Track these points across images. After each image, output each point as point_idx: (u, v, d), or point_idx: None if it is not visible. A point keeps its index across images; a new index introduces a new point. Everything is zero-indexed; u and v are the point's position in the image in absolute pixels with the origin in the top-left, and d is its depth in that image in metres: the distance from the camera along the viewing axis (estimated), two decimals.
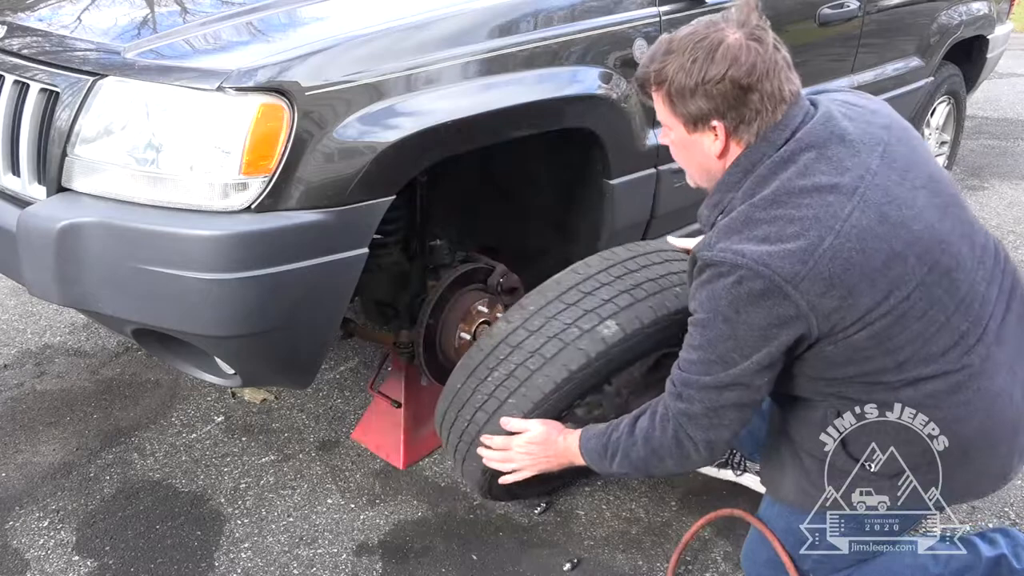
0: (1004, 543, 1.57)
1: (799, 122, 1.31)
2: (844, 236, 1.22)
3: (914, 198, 1.29)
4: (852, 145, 1.30)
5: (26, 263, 1.63)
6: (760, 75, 1.27)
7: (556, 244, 2.38)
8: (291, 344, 1.71)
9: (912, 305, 1.26)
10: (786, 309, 1.23)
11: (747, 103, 1.29)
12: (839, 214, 1.23)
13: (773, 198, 1.27)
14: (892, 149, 1.32)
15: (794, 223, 1.23)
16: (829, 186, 1.25)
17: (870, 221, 1.24)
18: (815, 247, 1.22)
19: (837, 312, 1.24)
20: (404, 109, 1.66)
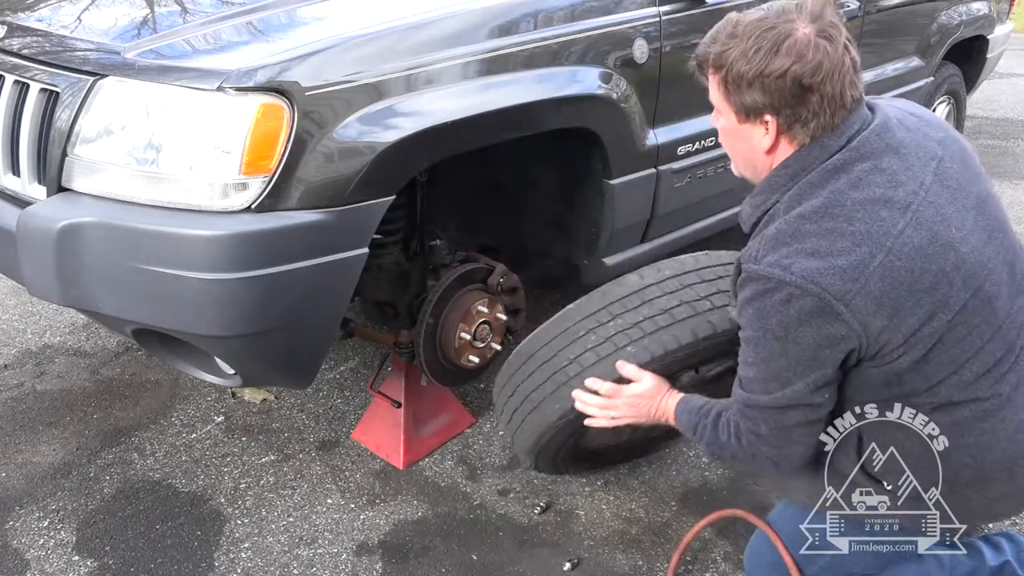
0: (1009, 549, 1.56)
1: (856, 130, 1.25)
2: (895, 254, 1.18)
3: (963, 219, 1.25)
4: (906, 158, 1.25)
5: (26, 263, 1.63)
6: (824, 76, 1.20)
7: (556, 244, 2.38)
8: (291, 344, 1.71)
9: (952, 329, 1.22)
10: (837, 328, 1.19)
11: (806, 103, 1.22)
12: (891, 230, 1.19)
13: (824, 210, 1.22)
14: (945, 166, 1.27)
15: (845, 237, 1.19)
16: (883, 200, 1.20)
17: (922, 240, 1.20)
18: (867, 263, 1.17)
19: (885, 333, 1.20)
20: (404, 109, 1.66)
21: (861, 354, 1.23)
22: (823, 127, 1.24)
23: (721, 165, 2.49)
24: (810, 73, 1.20)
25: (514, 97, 1.83)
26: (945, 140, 1.32)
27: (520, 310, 2.21)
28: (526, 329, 1.93)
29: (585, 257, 2.33)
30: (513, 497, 2.08)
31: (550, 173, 2.26)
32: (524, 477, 2.14)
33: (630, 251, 2.39)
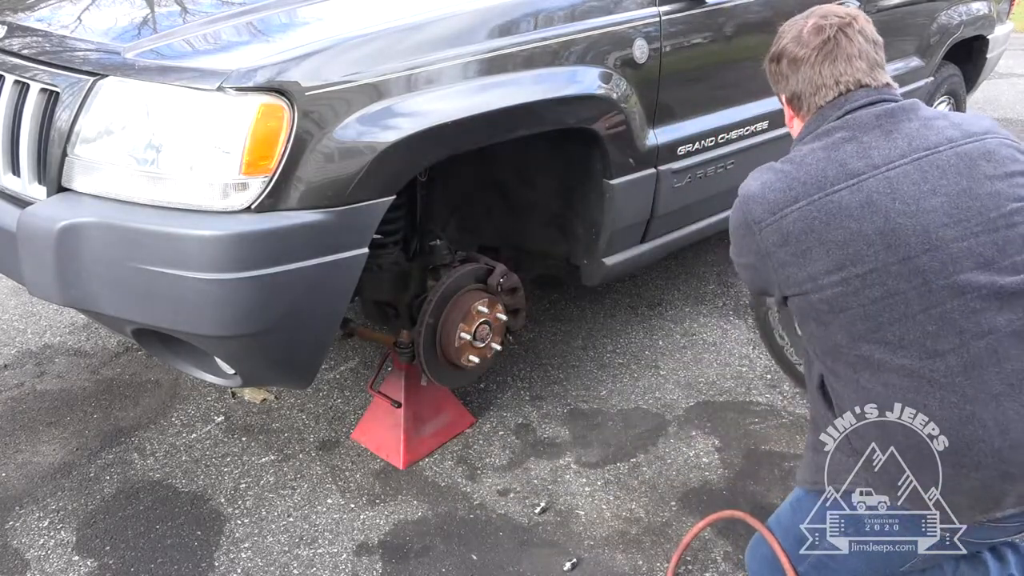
0: (1014, 560, 1.55)
1: (855, 106, 1.43)
2: (817, 206, 1.36)
3: (922, 200, 1.33)
4: (893, 140, 1.39)
5: (26, 263, 1.63)
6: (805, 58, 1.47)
7: (556, 244, 2.38)
8: (291, 344, 1.71)
9: (867, 285, 1.33)
10: (751, 242, 1.45)
11: (794, 79, 1.49)
12: (826, 187, 1.36)
13: (793, 158, 1.45)
14: (939, 156, 1.37)
15: (788, 179, 1.40)
16: (839, 162, 1.38)
17: (852, 202, 1.35)
18: (789, 204, 1.38)
19: (790, 266, 1.39)
20: (404, 109, 1.66)
21: (775, 277, 1.43)
22: (822, 102, 1.47)
23: (721, 165, 2.49)
24: (791, 54, 1.49)
25: (514, 97, 1.83)
26: (965, 144, 1.39)
27: (520, 310, 2.21)
28: (526, 329, 1.93)
29: (585, 257, 2.33)
30: (513, 497, 2.08)
31: (550, 173, 2.26)
32: (524, 477, 2.14)
33: (630, 251, 2.40)
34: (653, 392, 2.52)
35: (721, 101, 2.47)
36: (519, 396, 2.50)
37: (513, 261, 2.41)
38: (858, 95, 1.45)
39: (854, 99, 1.44)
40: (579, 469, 2.18)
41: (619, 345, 2.78)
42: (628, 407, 2.45)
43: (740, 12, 2.43)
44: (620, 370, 2.64)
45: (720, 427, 2.34)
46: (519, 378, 2.59)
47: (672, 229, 2.51)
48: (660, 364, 2.67)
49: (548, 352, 2.73)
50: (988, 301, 1.32)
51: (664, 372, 2.63)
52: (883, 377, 1.35)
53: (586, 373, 2.62)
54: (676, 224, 2.52)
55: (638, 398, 2.49)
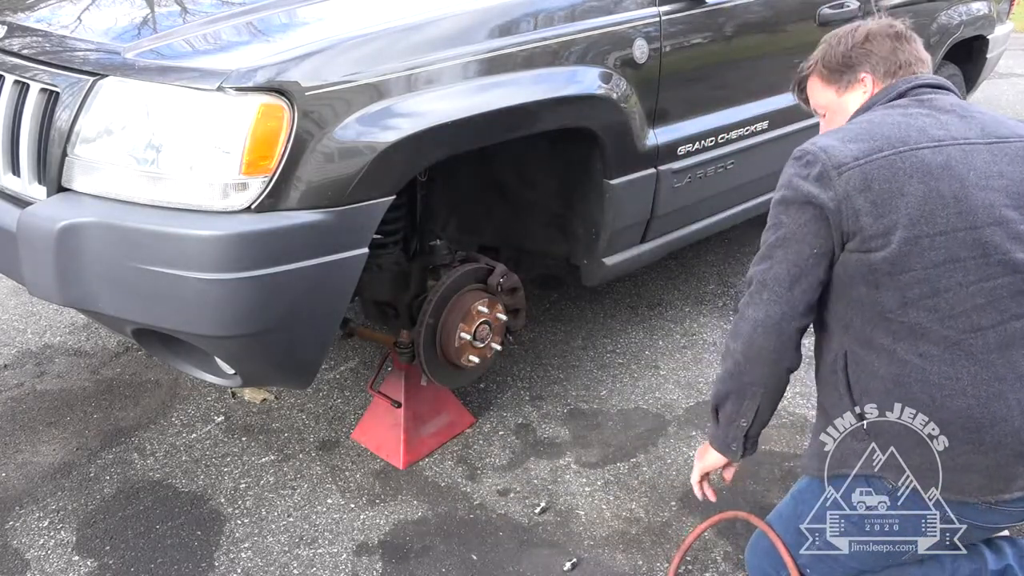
0: (1011, 553, 1.56)
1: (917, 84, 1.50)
2: (902, 159, 1.36)
3: (991, 178, 1.37)
4: (968, 123, 1.42)
5: (26, 263, 1.63)
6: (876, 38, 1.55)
7: (556, 244, 2.38)
8: (291, 344, 1.71)
9: (933, 247, 1.34)
10: (826, 190, 1.37)
11: (896, 52, 1.54)
12: (910, 142, 1.37)
13: (869, 119, 1.46)
14: (1008, 145, 1.41)
15: (869, 134, 1.40)
16: (919, 128, 1.40)
17: (933, 161, 1.36)
18: (873, 152, 1.37)
19: (865, 215, 1.35)
20: (404, 109, 1.66)
21: (845, 225, 1.37)
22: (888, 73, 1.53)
23: (721, 165, 2.49)
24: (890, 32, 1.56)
25: (514, 97, 1.83)
26: None
27: (520, 310, 2.21)
28: (526, 329, 1.93)
29: (585, 257, 2.33)
30: (513, 497, 2.08)
31: (550, 173, 2.26)
32: (524, 477, 2.14)
33: (630, 251, 2.40)
34: (653, 392, 2.52)
35: (721, 101, 2.47)
36: (519, 396, 2.50)
37: (513, 261, 2.41)
38: (925, 77, 1.51)
39: (923, 79, 1.51)
40: (579, 469, 2.18)
41: (619, 345, 2.78)
42: (628, 407, 2.45)
43: (740, 12, 2.43)
44: (620, 370, 2.64)
45: None
46: (519, 378, 2.59)
47: (672, 229, 2.51)
48: (660, 364, 2.67)
49: (548, 352, 2.73)
50: None
51: (664, 372, 2.63)
52: (923, 347, 1.35)
53: (586, 373, 2.62)
54: (676, 224, 2.52)
55: (638, 398, 2.49)
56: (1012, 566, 1.54)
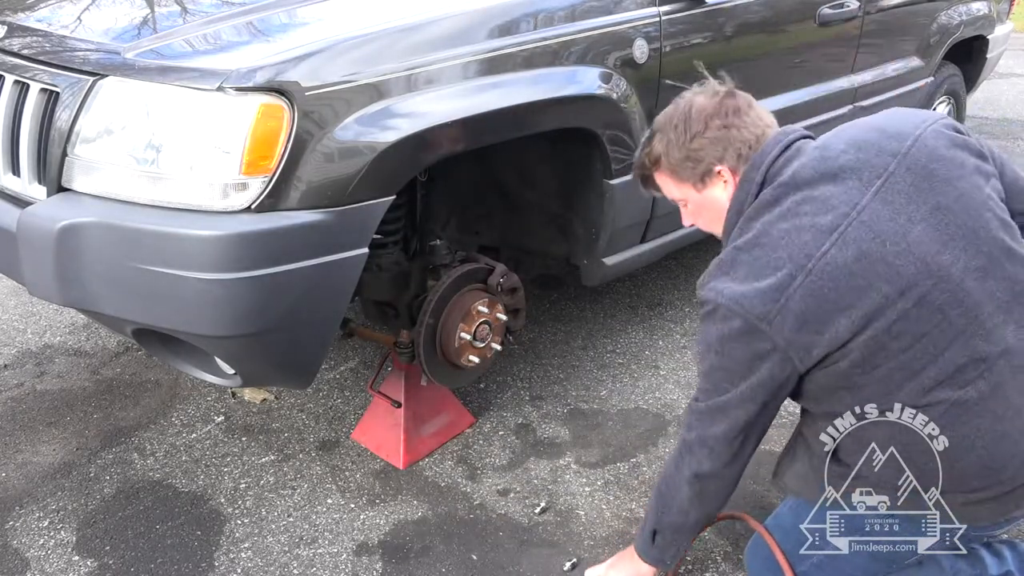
0: (1011, 558, 1.56)
1: (774, 158, 1.38)
2: (816, 273, 1.27)
3: (906, 232, 1.29)
4: (844, 183, 1.32)
5: (26, 263, 1.63)
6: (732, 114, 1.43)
7: (556, 244, 2.38)
8: (291, 344, 1.71)
9: (894, 337, 1.28)
10: (763, 344, 1.31)
11: (737, 132, 1.42)
12: (813, 252, 1.28)
13: (755, 240, 1.34)
14: (895, 180, 1.31)
15: (770, 263, 1.30)
16: (808, 226, 1.30)
17: (846, 257, 1.28)
18: (787, 285, 1.28)
19: (816, 346, 1.29)
20: (404, 109, 1.66)
21: (798, 364, 1.32)
22: (740, 157, 1.42)
23: None
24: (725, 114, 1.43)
25: (514, 97, 1.83)
26: (907, 153, 1.34)
27: (520, 310, 2.21)
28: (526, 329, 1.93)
29: (585, 257, 2.33)
30: (513, 497, 2.08)
31: (550, 173, 2.26)
32: (524, 477, 2.14)
33: (630, 251, 2.40)
34: (653, 392, 2.52)
35: None
36: (519, 396, 2.50)
37: (513, 261, 2.41)
38: (772, 150, 1.39)
39: (771, 153, 1.39)
40: (579, 469, 2.18)
41: (619, 345, 2.78)
42: (628, 407, 2.45)
43: (740, 12, 2.43)
44: (620, 370, 2.64)
45: None
46: (519, 378, 2.59)
47: (672, 229, 2.51)
48: (660, 364, 2.67)
49: (548, 352, 2.73)
50: (995, 316, 1.32)
51: (664, 372, 2.63)
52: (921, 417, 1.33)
53: (586, 373, 2.62)
54: (676, 224, 2.51)
55: (638, 398, 2.49)
56: (1012, 571, 1.54)
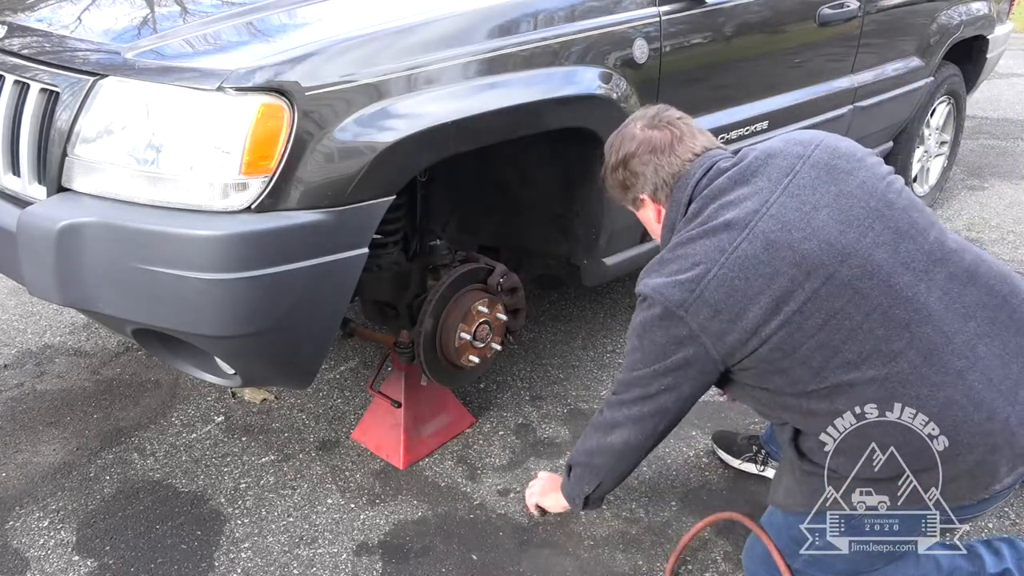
0: (1009, 555, 1.56)
1: (698, 179, 1.50)
2: (728, 267, 1.37)
3: (811, 219, 1.38)
4: (756, 183, 1.44)
5: (26, 263, 1.63)
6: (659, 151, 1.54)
7: (556, 244, 2.38)
8: (291, 344, 1.71)
9: (807, 317, 1.35)
10: (680, 330, 1.41)
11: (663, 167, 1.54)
12: (726, 248, 1.39)
13: (680, 243, 1.46)
14: (800, 176, 1.42)
15: (689, 260, 1.42)
16: (723, 226, 1.41)
17: (755, 249, 1.37)
18: (702, 277, 1.39)
19: (731, 333, 1.38)
20: (404, 109, 1.66)
21: (712, 351, 1.41)
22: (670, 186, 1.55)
23: None
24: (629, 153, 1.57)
25: (514, 97, 1.83)
26: (812, 154, 1.46)
27: (520, 310, 2.21)
28: (526, 329, 1.93)
29: (585, 257, 2.33)
30: (513, 497, 2.08)
31: (550, 173, 2.26)
32: (524, 477, 2.14)
33: (630, 251, 2.40)
34: None
35: (721, 101, 2.47)
36: (519, 396, 2.50)
37: (513, 261, 2.41)
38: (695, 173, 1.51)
39: (694, 177, 1.51)
40: None
41: (619, 345, 2.78)
42: None
43: (740, 12, 2.43)
44: None
45: (720, 427, 2.34)
46: (519, 378, 2.59)
47: None
48: None
49: (548, 352, 2.73)
50: (914, 285, 1.36)
51: None
52: (858, 395, 1.36)
53: (586, 373, 2.62)
54: None
55: None
56: (1010, 569, 1.54)
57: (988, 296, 1.39)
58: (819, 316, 1.34)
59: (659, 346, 1.45)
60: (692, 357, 1.43)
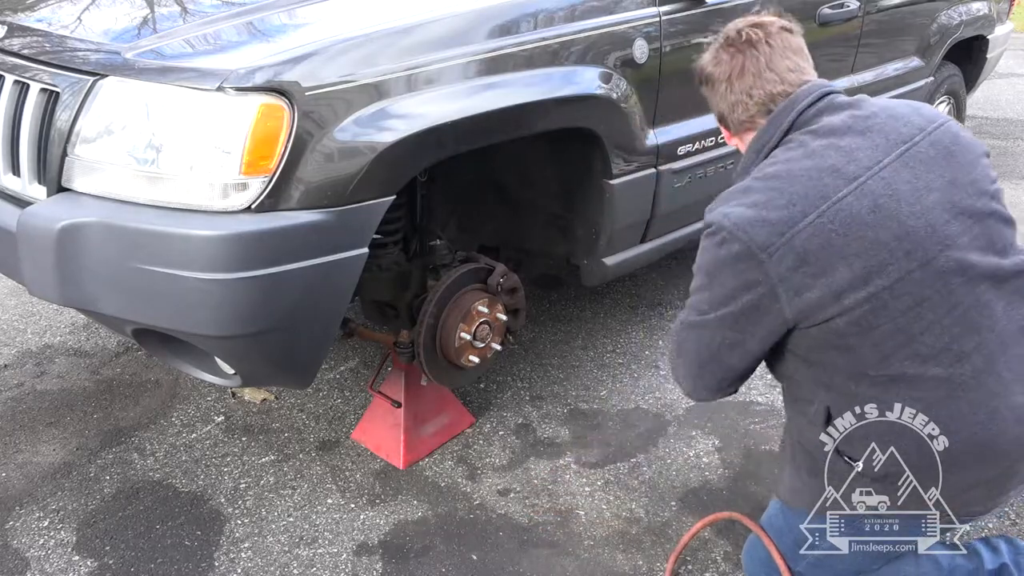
0: (1007, 551, 1.56)
1: (803, 108, 1.40)
2: (828, 217, 1.27)
3: (921, 197, 1.31)
4: (871, 139, 1.34)
5: (26, 263, 1.63)
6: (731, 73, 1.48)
7: (556, 244, 2.38)
8: (291, 344, 1.71)
9: (896, 297, 1.28)
10: (755, 275, 1.29)
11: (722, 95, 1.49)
12: (830, 195, 1.28)
13: (775, 173, 1.34)
14: (918, 149, 1.34)
15: (784, 196, 1.30)
16: (831, 169, 1.30)
17: (861, 207, 1.28)
18: (796, 221, 1.27)
19: (809, 289, 1.28)
20: (404, 109, 1.66)
21: (785, 306, 1.30)
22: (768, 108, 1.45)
23: (721, 165, 2.49)
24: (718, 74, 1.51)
25: (514, 97, 1.83)
26: (931, 131, 1.38)
27: (520, 310, 2.21)
28: (526, 329, 1.93)
29: (585, 257, 2.33)
30: (513, 497, 2.08)
31: (550, 173, 2.26)
32: (524, 477, 2.14)
33: (630, 251, 2.39)
34: (653, 392, 2.52)
35: None
36: (519, 396, 2.50)
37: (513, 261, 2.41)
38: (804, 97, 1.42)
39: (802, 101, 1.41)
40: (579, 469, 2.18)
41: (619, 345, 2.78)
42: (628, 407, 2.45)
43: (740, 12, 2.41)
44: (620, 370, 2.64)
45: (720, 427, 2.34)
46: (519, 378, 2.59)
47: (672, 229, 2.51)
48: (660, 364, 2.67)
49: (548, 352, 2.73)
50: (991, 292, 1.33)
51: (664, 372, 2.63)
52: (916, 393, 1.32)
53: (586, 373, 2.62)
54: (676, 224, 2.52)
55: (638, 398, 2.49)
56: (1007, 564, 1.55)
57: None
58: (907, 299, 1.27)
59: (728, 290, 1.33)
60: (763, 309, 1.31)
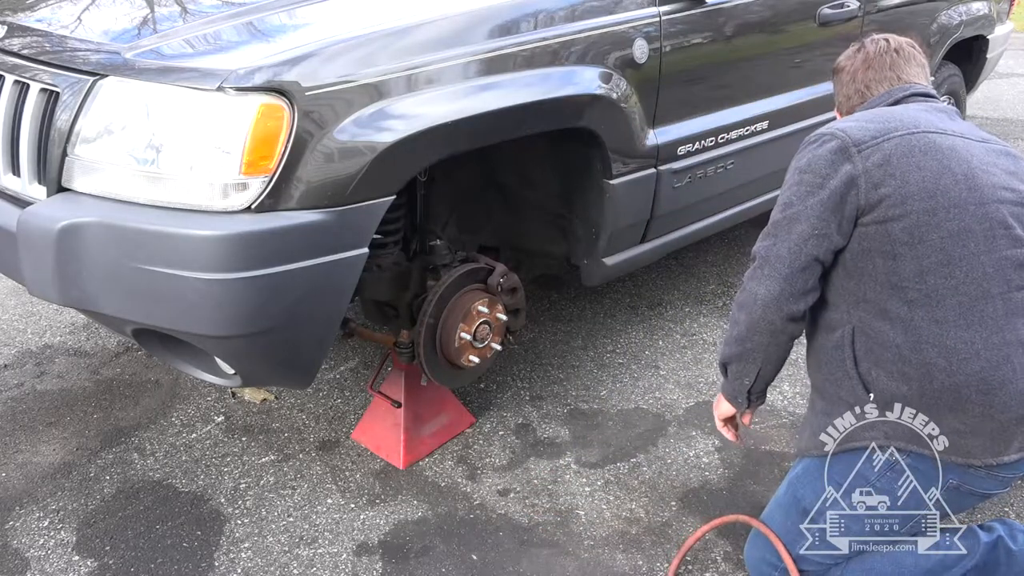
0: (1001, 528, 1.61)
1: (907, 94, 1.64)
2: (916, 139, 1.47)
3: (989, 166, 1.48)
4: (957, 123, 1.56)
5: (26, 263, 1.63)
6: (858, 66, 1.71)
7: (556, 244, 2.38)
8: (291, 344, 1.71)
9: (948, 218, 1.42)
10: (845, 165, 1.46)
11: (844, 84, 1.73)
12: (920, 126, 1.49)
13: (877, 111, 1.58)
14: (987, 146, 1.53)
15: (882, 119, 1.52)
16: (924, 118, 1.52)
17: (943, 145, 1.47)
18: (889, 132, 1.48)
19: (886, 185, 1.44)
20: (404, 109, 1.66)
21: (862, 198, 1.45)
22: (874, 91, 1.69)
23: (721, 165, 2.49)
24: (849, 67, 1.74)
25: (514, 97, 1.83)
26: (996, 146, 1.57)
27: (520, 310, 2.21)
28: (526, 329, 1.93)
29: (585, 257, 2.33)
30: (513, 497, 2.08)
31: (550, 173, 2.26)
32: (524, 477, 2.14)
33: (630, 251, 2.40)
34: (653, 392, 2.52)
35: (721, 101, 2.47)
36: (519, 396, 2.50)
37: (513, 261, 2.41)
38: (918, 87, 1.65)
39: (916, 88, 1.64)
40: (579, 469, 2.18)
41: (619, 345, 2.78)
42: (628, 407, 2.45)
43: (740, 12, 2.43)
44: (620, 370, 2.64)
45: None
46: (519, 378, 2.59)
47: (672, 229, 2.51)
48: (660, 364, 2.67)
49: (548, 352, 2.73)
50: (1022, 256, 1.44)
51: (664, 372, 2.63)
52: (939, 313, 1.41)
53: (586, 373, 2.62)
54: (676, 224, 2.52)
55: (638, 398, 2.49)
56: (1002, 536, 1.58)
57: None
58: (956, 223, 1.42)
59: (819, 178, 1.48)
60: (844, 198, 1.46)
